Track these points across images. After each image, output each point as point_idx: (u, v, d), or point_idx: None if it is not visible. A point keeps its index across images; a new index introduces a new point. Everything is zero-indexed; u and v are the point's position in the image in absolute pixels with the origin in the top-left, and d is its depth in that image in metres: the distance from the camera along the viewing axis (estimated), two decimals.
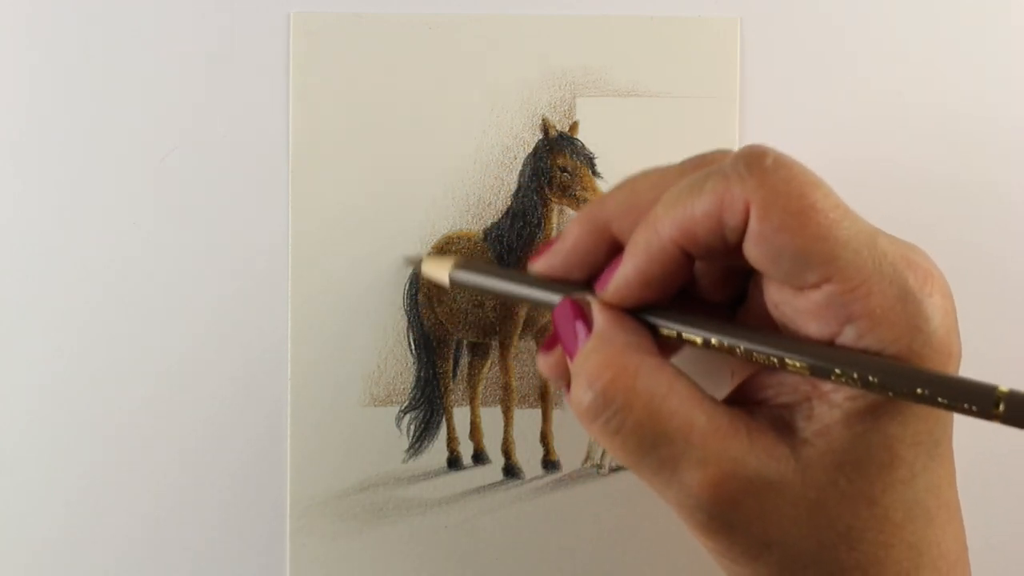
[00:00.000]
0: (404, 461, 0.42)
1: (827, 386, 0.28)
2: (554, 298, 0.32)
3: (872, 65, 0.43)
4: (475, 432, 0.43)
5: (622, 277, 0.30)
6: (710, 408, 0.28)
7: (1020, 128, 0.43)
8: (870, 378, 0.26)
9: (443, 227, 0.42)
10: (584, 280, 0.32)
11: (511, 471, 0.43)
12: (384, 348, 0.42)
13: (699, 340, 0.29)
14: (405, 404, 0.42)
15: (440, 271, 0.37)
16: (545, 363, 0.32)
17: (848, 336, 0.27)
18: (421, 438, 0.43)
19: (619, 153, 0.42)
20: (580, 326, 0.30)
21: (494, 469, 0.43)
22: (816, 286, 0.27)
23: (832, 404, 0.28)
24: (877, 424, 0.27)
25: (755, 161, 0.27)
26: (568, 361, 0.31)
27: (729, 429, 0.28)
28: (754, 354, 0.28)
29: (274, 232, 0.42)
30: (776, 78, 0.42)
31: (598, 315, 0.30)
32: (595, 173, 0.42)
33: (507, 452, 0.43)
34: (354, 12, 0.41)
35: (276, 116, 0.41)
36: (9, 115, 0.41)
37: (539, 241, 0.43)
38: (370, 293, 0.42)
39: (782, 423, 0.28)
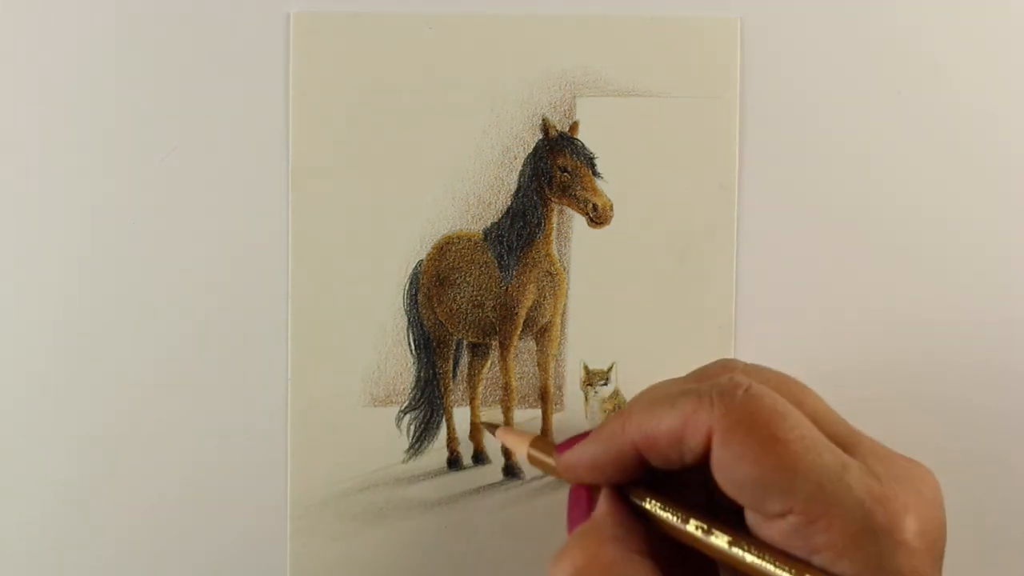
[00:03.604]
0: (404, 461, 0.42)
1: None
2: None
3: (872, 64, 0.43)
4: (475, 432, 0.43)
5: (578, 455, 0.31)
6: None
7: (1021, 127, 0.43)
8: None
9: (443, 227, 0.42)
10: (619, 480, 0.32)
11: (511, 471, 0.43)
12: (384, 348, 0.42)
13: (692, 531, 0.29)
14: (405, 404, 0.42)
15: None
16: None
17: (818, 562, 0.27)
18: (421, 438, 0.43)
19: (619, 153, 0.42)
20: (586, 510, 0.32)
21: (494, 469, 0.43)
22: (781, 516, 0.27)
23: None
24: None
25: (727, 390, 0.28)
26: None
27: None
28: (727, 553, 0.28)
29: (274, 232, 0.42)
30: (776, 78, 0.42)
31: (601, 503, 0.31)
32: (595, 173, 0.42)
33: (507, 452, 0.43)
34: (354, 12, 0.41)
35: (276, 116, 0.41)
36: (9, 115, 0.41)
37: (539, 240, 0.43)
38: (370, 293, 0.42)
39: None
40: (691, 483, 0.30)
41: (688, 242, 0.43)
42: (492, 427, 0.42)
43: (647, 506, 0.30)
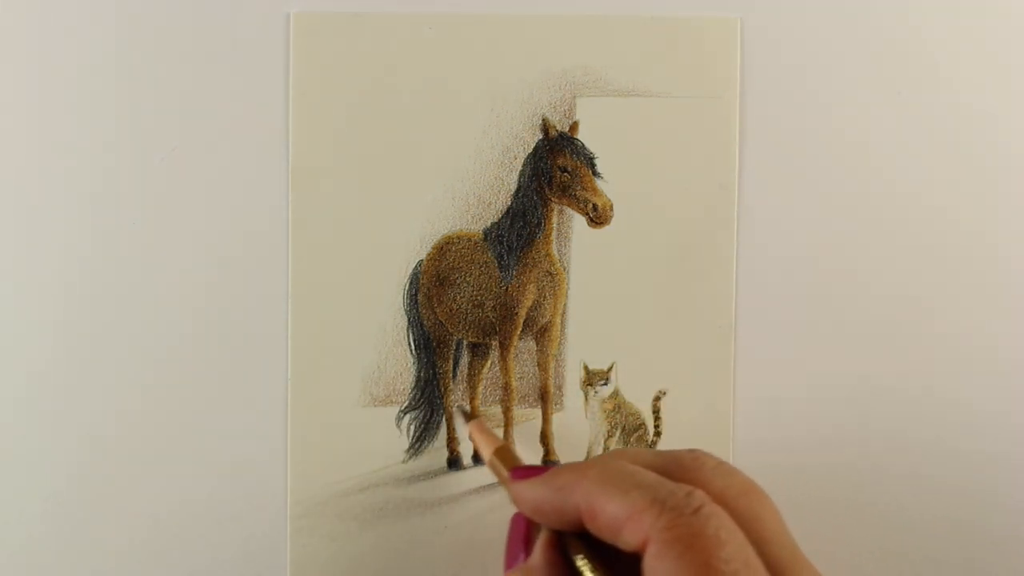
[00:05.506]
0: (404, 461, 0.42)
1: None
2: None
3: (872, 64, 0.43)
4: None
5: (527, 491, 0.31)
6: None
7: (1021, 127, 0.43)
8: None
9: (443, 227, 0.42)
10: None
11: None
12: (384, 348, 0.42)
13: None
14: (405, 404, 0.42)
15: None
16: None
17: None
18: (421, 438, 0.43)
19: (619, 153, 0.42)
20: (523, 546, 0.32)
21: None
22: None
23: None
24: None
25: (678, 505, 0.27)
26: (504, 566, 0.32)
27: None
28: None
29: (274, 232, 0.42)
30: (776, 78, 0.42)
31: (537, 551, 0.31)
32: (595, 173, 0.42)
33: None
34: (354, 12, 0.41)
35: (276, 116, 0.41)
36: (9, 115, 0.41)
37: (539, 240, 0.43)
38: (370, 293, 0.42)
39: None
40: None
41: (688, 242, 0.43)
42: (467, 415, 0.42)
43: (578, 563, 0.30)
